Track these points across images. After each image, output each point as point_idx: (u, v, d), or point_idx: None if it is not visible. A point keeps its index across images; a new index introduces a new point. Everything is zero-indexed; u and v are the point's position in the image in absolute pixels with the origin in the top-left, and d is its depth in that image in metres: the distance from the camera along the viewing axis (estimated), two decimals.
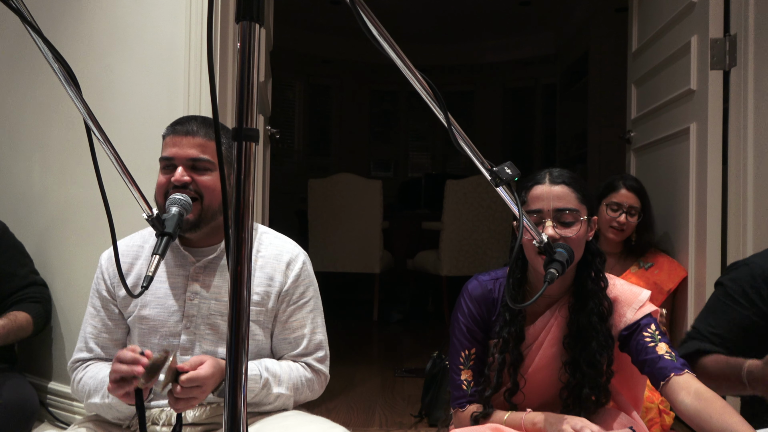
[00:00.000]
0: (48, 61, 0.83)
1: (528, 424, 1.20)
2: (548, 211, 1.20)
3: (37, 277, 2.14)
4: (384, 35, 0.81)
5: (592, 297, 1.26)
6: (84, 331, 1.35)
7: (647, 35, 2.65)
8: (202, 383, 1.10)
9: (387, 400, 2.55)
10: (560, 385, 1.28)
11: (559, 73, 6.11)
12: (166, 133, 1.30)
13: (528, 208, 1.22)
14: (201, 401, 1.14)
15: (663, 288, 2.16)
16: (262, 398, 1.26)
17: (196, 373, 1.10)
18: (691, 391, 1.11)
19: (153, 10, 2.03)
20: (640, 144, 2.74)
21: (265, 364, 1.28)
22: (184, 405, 1.11)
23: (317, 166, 6.75)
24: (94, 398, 1.26)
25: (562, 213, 1.20)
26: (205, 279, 1.31)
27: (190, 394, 1.10)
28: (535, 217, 1.21)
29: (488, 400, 1.27)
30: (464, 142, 0.95)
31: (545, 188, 1.22)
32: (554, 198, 1.21)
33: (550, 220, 1.20)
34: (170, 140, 1.28)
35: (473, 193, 4.18)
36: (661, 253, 2.25)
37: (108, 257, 1.37)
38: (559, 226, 1.20)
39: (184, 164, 1.25)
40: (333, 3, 5.41)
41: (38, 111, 2.25)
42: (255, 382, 1.23)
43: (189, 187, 1.24)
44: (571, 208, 1.21)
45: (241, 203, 0.66)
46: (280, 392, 1.27)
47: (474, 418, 1.26)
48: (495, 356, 1.27)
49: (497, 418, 1.25)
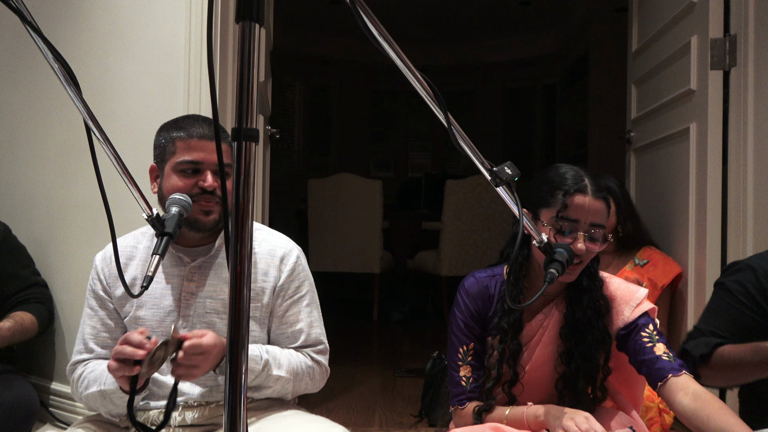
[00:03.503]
0: (48, 61, 0.83)
1: (530, 417, 1.21)
2: (584, 224, 1.19)
3: (38, 278, 2.13)
4: (384, 35, 0.81)
5: (587, 293, 1.26)
6: (83, 332, 1.35)
7: (647, 35, 2.65)
8: (205, 351, 1.11)
9: (387, 400, 2.55)
10: (557, 377, 1.28)
11: (560, 73, 6.12)
12: (183, 135, 1.28)
13: (566, 214, 1.19)
14: (203, 372, 1.14)
15: (657, 284, 2.17)
16: (262, 381, 1.25)
17: (199, 341, 1.11)
18: (689, 392, 1.12)
19: (153, 10, 2.03)
20: (640, 144, 2.74)
21: (266, 347, 1.28)
22: (185, 371, 1.11)
23: (317, 166, 6.75)
24: (91, 388, 1.26)
25: (595, 228, 1.20)
26: (201, 278, 1.31)
27: (193, 362, 1.10)
28: (568, 224, 1.19)
29: (490, 392, 1.27)
30: (464, 142, 0.95)
31: (588, 201, 1.19)
32: (593, 213, 1.19)
33: (583, 233, 1.19)
34: (194, 144, 1.26)
35: (473, 193, 4.18)
36: (656, 250, 2.26)
37: (102, 258, 1.37)
38: (588, 241, 1.19)
39: (212, 169, 1.26)
40: (333, 3, 5.41)
41: (38, 111, 2.25)
42: (255, 363, 1.23)
43: (215, 192, 1.25)
44: (602, 225, 1.21)
45: (240, 203, 0.66)
46: (280, 375, 1.27)
47: (477, 413, 1.25)
48: (494, 347, 1.27)
49: (499, 413, 1.25)
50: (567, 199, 1.19)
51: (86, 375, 1.29)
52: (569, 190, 1.19)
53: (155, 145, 1.33)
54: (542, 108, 6.61)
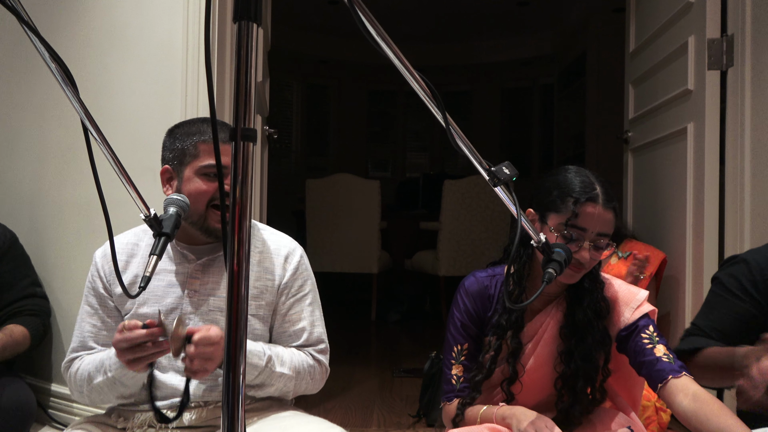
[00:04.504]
0: (45, 61, 0.82)
1: (498, 418, 1.22)
2: (592, 233, 1.18)
3: (38, 289, 2.10)
4: (382, 35, 0.81)
5: (588, 294, 1.27)
6: (81, 330, 1.33)
7: (645, 35, 2.65)
8: (215, 341, 1.11)
9: (385, 400, 2.55)
10: (556, 376, 1.29)
11: (557, 74, 6.12)
12: (207, 139, 1.26)
13: (575, 222, 1.18)
14: (216, 365, 1.13)
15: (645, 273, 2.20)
16: (264, 378, 1.25)
17: (208, 333, 1.11)
18: (688, 394, 1.12)
19: (150, 9, 2.03)
20: (637, 144, 2.74)
21: (269, 345, 1.28)
22: (200, 365, 1.10)
23: (315, 166, 6.75)
24: (96, 379, 1.24)
25: (602, 237, 1.19)
26: (204, 276, 1.31)
27: (204, 354, 1.10)
28: (576, 232, 1.18)
29: (478, 385, 1.27)
30: (462, 142, 0.95)
31: (598, 211, 1.18)
32: (602, 223, 1.19)
33: (589, 242, 1.18)
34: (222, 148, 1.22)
35: (471, 193, 4.18)
36: (636, 242, 2.29)
37: (103, 255, 1.36)
38: (593, 250, 1.19)
39: None
40: (331, 3, 5.41)
41: (35, 111, 2.25)
42: (259, 358, 1.23)
43: None
44: (608, 234, 1.20)
45: (239, 203, 0.66)
46: (283, 372, 1.27)
47: (460, 405, 1.27)
48: (492, 344, 1.28)
49: (473, 412, 1.26)
50: (578, 207, 1.17)
51: (84, 368, 1.28)
52: (580, 199, 1.18)
53: (169, 147, 1.31)
54: (540, 108, 6.62)
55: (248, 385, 1.26)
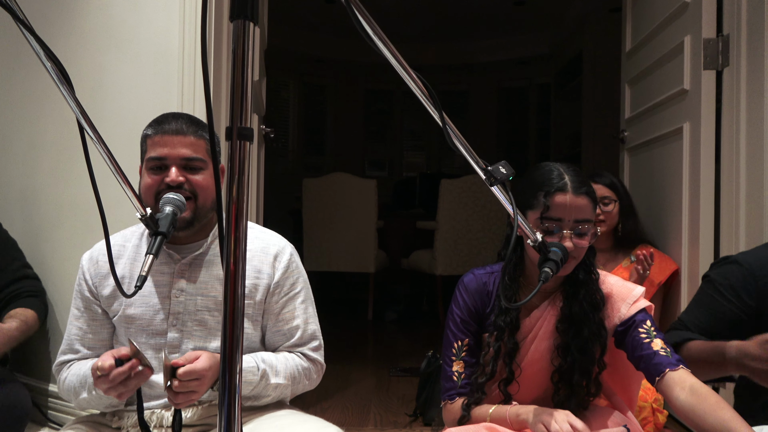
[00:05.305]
0: (40, 60, 0.82)
1: (512, 416, 1.21)
2: (568, 221, 1.19)
3: (29, 270, 2.11)
4: (379, 34, 0.81)
5: (583, 286, 1.27)
6: (69, 333, 1.34)
7: (641, 35, 2.66)
8: (200, 375, 1.10)
9: (382, 399, 2.55)
10: (552, 370, 1.29)
11: (554, 73, 6.13)
12: (151, 133, 1.27)
13: (548, 214, 1.19)
14: (201, 395, 1.13)
15: (654, 281, 2.18)
16: (260, 390, 1.26)
17: (193, 366, 1.10)
18: (685, 387, 1.12)
19: (147, 8, 2.02)
20: (633, 143, 2.75)
21: (261, 356, 1.28)
22: (184, 399, 1.11)
23: (311, 166, 6.74)
24: (82, 394, 1.26)
25: (581, 224, 1.20)
26: (191, 275, 1.30)
27: (189, 387, 1.10)
28: (554, 224, 1.19)
29: (482, 386, 1.27)
30: (459, 141, 0.95)
31: (569, 198, 1.19)
32: (576, 209, 1.19)
33: (569, 230, 1.19)
34: (159, 140, 1.25)
35: (468, 192, 4.18)
36: (651, 247, 2.27)
37: (89, 258, 1.36)
38: (576, 237, 1.20)
39: (178, 164, 1.24)
40: (328, 2, 5.40)
41: (31, 110, 2.24)
42: (253, 374, 1.23)
43: (183, 187, 1.23)
44: (588, 219, 1.21)
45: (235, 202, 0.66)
46: (278, 382, 1.27)
47: (465, 405, 1.27)
48: (490, 344, 1.28)
49: (482, 410, 1.25)
50: (548, 199, 1.19)
51: (71, 380, 1.29)
52: (549, 190, 1.20)
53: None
54: (536, 107, 6.63)
55: (245, 397, 1.26)
